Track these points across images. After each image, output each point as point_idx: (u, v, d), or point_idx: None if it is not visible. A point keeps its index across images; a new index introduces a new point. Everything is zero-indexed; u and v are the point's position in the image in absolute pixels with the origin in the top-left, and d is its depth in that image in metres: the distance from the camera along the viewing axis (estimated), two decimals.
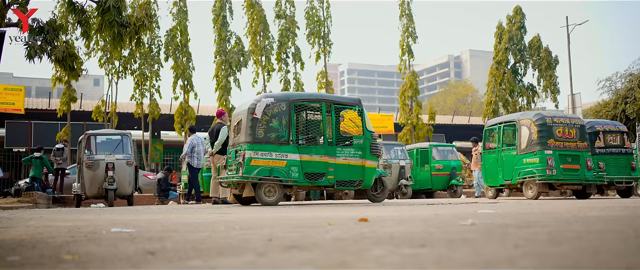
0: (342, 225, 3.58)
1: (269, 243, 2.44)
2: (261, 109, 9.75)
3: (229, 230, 3.36)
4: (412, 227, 3.22)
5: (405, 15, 29.39)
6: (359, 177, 10.19)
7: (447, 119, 40.49)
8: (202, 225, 3.88)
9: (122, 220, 5.09)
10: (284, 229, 3.31)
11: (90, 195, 14.04)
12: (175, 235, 3.04)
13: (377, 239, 2.46)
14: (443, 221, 3.71)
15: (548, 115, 12.96)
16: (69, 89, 23.51)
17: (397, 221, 3.84)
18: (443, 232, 2.78)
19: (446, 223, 3.47)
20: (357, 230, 3.07)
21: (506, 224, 3.28)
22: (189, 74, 25.89)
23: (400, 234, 2.75)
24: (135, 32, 11.58)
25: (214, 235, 2.99)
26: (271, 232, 3.02)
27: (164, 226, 3.95)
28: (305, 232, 3.01)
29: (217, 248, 2.30)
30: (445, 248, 2.03)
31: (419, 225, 3.31)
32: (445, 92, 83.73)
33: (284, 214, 5.92)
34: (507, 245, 2.06)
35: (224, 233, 3.12)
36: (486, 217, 3.99)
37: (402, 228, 3.14)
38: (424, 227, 3.19)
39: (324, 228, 3.29)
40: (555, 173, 12.45)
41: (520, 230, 2.79)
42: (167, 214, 6.57)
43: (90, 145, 14.15)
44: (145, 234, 3.19)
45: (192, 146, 14.39)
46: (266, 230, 3.24)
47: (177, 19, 25.94)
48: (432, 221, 3.75)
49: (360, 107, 10.66)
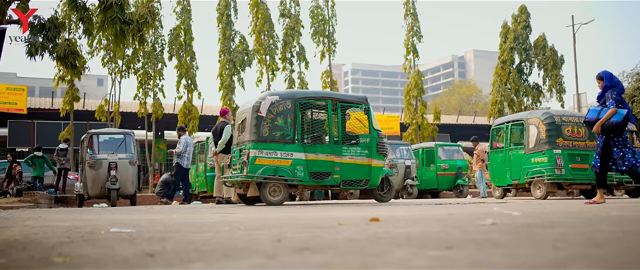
0: (353, 225, 3.40)
1: (278, 244, 2.26)
2: (266, 107, 9.57)
3: (234, 230, 3.18)
4: (428, 227, 3.04)
5: (410, 15, 29.25)
6: (365, 177, 10.00)
7: (452, 118, 40.31)
8: (206, 226, 3.70)
9: (123, 220, 4.92)
10: (293, 229, 3.12)
11: (92, 195, 13.89)
12: (177, 235, 2.86)
13: (394, 240, 2.28)
14: (459, 221, 3.52)
15: (557, 114, 12.74)
16: (72, 88, 23.37)
17: (410, 221, 3.66)
18: (463, 232, 2.60)
19: (463, 223, 3.28)
20: (370, 230, 2.88)
21: (528, 223, 3.09)
22: (192, 73, 25.75)
23: (418, 234, 2.56)
24: (138, 29, 11.40)
25: (218, 235, 2.81)
26: (279, 233, 2.84)
27: (165, 226, 3.78)
28: (315, 232, 2.82)
29: (221, 250, 2.12)
30: (474, 250, 1.85)
31: (435, 226, 3.12)
32: (449, 92, 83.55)
33: (291, 214, 5.74)
34: (543, 247, 1.88)
35: (229, 233, 2.94)
36: (505, 217, 3.80)
37: (418, 228, 2.96)
38: (440, 227, 3.00)
39: (334, 228, 3.11)
40: (564, 173, 12.23)
41: (547, 231, 2.61)
42: (169, 213, 6.39)
43: (92, 145, 14.00)
44: (146, 234, 3.01)
45: (186, 146, 14.27)
46: (273, 230, 3.06)
47: (181, 17, 25.81)
48: (447, 221, 3.56)
49: (367, 105, 10.47)
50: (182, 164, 14.22)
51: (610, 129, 7.53)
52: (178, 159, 14.22)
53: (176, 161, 14.32)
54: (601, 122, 7.54)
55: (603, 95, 7.83)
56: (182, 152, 14.19)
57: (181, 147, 14.21)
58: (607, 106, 7.65)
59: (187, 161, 14.27)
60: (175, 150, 14.36)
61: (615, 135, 7.60)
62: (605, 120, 7.51)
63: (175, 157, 14.35)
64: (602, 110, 7.66)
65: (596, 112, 7.71)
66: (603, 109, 7.65)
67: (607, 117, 7.50)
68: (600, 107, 7.75)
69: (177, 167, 14.41)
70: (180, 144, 14.31)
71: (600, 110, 7.68)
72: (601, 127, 7.57)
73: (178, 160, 14.23)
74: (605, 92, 7.80)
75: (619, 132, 7.56)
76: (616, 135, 7.60)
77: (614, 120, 7.48)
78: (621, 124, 7.48)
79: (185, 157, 14.22)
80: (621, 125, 7.48)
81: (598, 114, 7.66)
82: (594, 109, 7.80)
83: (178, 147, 14.37)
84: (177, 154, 14.24)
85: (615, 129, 7.51)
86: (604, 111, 7.61)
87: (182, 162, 14.21)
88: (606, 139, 7.68)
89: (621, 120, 7.47)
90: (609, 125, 7.51)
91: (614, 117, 7.50)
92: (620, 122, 7.47)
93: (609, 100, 7.66)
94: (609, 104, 7.63)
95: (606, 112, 7.54)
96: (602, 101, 7.83)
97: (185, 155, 14.23)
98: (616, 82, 7.82)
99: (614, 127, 7.50)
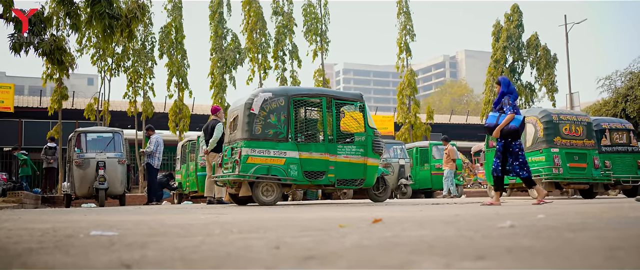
0: (355, 227, 3.12)
1: (277, 252, 1.97)
2: (259, 104, 9.27)
3: (226, 233, 2.89)
4: (440, 230, 2.76)
5: (403, 13, 29.00)
6: (360, 176, 9.73)
7: (444, 118, 40.14)
8: (195, 228, 3.40)
9: (108, 221, 4.61)
10: (291, 232, 2.84)
11: (80, 195, 13.54)
12: (162, 240, 2.57)
13: (411, 247, 2.00)
14: (471, 223, 3.25)
15: (554, 112, 12.52)
16: (61, 87, 22.92)
17: (417, 223, 3.38)
18: (485, 237, 2.32)
19: (478, 226, 3.01)
20: (377, 234, 2.60)
21: (552, 226, 2.81)
22: (183, 71, 25.38)
23: (433, 239, 2.29)
24: (127, 24, 11.06)
25: (209, 240, 2.52)
26: (277, 237, 2.55)
27: (151, 228, 3.49)
28: (318, 236, 2.54)
29: (212, 259, 1.84)
30: (512, 260, 1.57)
31: (448, 229, 2.84)
32: (441, 92, 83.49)
33: (285, 214, 5.45)
34: (593, 257, 1.60)
35: (221, 237, 2.65)
36: (521, 219, 3.53)
37: (429, 232, 2.68)
38: (454, 230, 2.73)
39: (337, 231, 2.82)
40: (562, 172, 12.01)
41: (578, 235, 2.34)
42: (157, 214, 6.09)
43: (80, 143, 13.64)
44: (128, 238, 2.72)
45: (157, 145, 13.99)
46: (270, 234, 2.77)
47: (172, 15, 25.43)
48: (458, 223, 3.29)
49: (362, 103, 10.21)
50: (152, 163, 13.96)
51: (509, 133, 7.84)
52: (148, 159, 13.96)
53: (146, 161, 14.07)
54: (500, 127, 7.83)
55: (500, 101, 8.13)
56: (152, 151, 13.93)
57: (152, 147, 13.94)
58: (504, 112, 7.96)
59: (158, 161, 14.03)
60: (146, 150, 14.08)
61: (513, 140, 7.91)
62: (504, 126, 7.81)
63: (145, 157, 14.09)
64: (500, 116, 7.96)
65: (495, 118, 8.01)
66: (501, 115, 7.95)
67: (506, 122, 7.81)
68: (498, 113, 8.05)
69: (147, 167, 14.14)
70: (151, 144, 14.05)
71: (499, 116, 7.98)
72: (500, 132, 7.85)
73: (148, 160, 13.97)
74: (502, 97, 8.11)
75: (516, 137, 7.90)
76: (514, 140, 7.91)
77: (513, 126, 7.82)
78: (519, 129, 7.85)
79: (156, 156, 13.97)
80: (519, 130, 7.86)
81: (497, 119, 7.96)
82: (493, 115, 8.08)
83: (148, 147, 14.09)
84: (147, 153, 13.98)
85: (513, 133, 7.84)
86: (502, 117, 7.92)
87: (153, 162, 13.96)
88: (505, 144, 7.96)
89: (519, 126, 7.83)
90: (508, 130, 7.81)
91: (512, 122, 7.83)
92: (518, 127, 7.84)
93: (505, 106, 7.99)
94: (506, 110, 7.94)
95: (505, 118, 7.86)
96: (498, 107, 8.13)
97: (156, 155, 13.98)
98: (512, 89, 8.16)
99: (512, 132, 7.83)
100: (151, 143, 14.10)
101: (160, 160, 14.16)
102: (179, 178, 16.85)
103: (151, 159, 13.99)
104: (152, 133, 14.43)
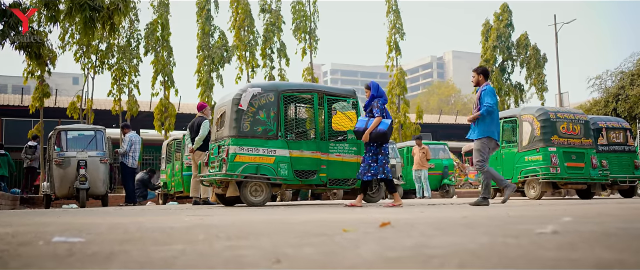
0: (362, 232, 2.69)
1: (278, 266, 1.53)
2: (247, 100, 8.81)
3: (212, 240, 2.45)
4: (467, 236, 2.33)
5: (392, 12, 28.65)
6: (354, 175, 9.29)
7: (433, 118, 39.89)
8: (176, 233, 2.95)
9: (80, 224, 4.15)
10: (289, 239, 2.39)
11: (60, 195, 12.99)
12: (134, 248, 2.12)
13: (452, 258, 1.58)
14: (500, 227, 2.82)
15: (552, 110, 12.17)
16: (42, 84, 22.26)
17: (434, 227, 2.95)
18: (535, 245, 1.90)
19: (509, 230, 2.58)
20: (396, 241, 2.17)
21: (602, 233, 2.39)
22: (169, 69, 24.84)
23: (474, 247, 1.86)
24: (109, 17, 10.55)
25: (190, 249, 2.08)
26: (273, 246, 2.11)
27: (126, 233, 3.03)
28: (324, 245, 2.10)
29: None
30: None
31: (476, 234, 2.42)
32: (428, 92, 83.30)
33: (277, 216, 5.00)
34: None
35: (205, 245, 2.21)
36: (543, 222, 3.12)
37: (459, 238, 2.25)
38: (486, 236, 2.30)
39: (343, 237, 2.39)
40: (560, 171, 11.67)
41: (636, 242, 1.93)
42: (138, 216, 5.61)
43: (60, 141, 13.10)
44: (94, 246, 2.27)
45: (131, 144, 13.47)
46: (264, 241, 2.33)
47: (158, 12, 24.89)
48: (482, 227, 2.86)
49: (355, 99, 9.79)
50: (126, 163, 13.45)
51: (377, 137, 7.82)
52: (123, 158, 13.45)
53: (120, 160, 13.55)
54: (370, 131, 7.80)
55: (370, 104, 8.14)
56: (126, 150, 13.42)
57: (126, 146, 13.43)
58: (374, 115, 7.99)
59: (133, 160, 13.52)
60: (120, 150, 13.56)
61: (383, 143, 7.89)
62: (373, 129, 7.80)
63: (119, 156, 13.58)
64: (369, 119, 7.97)
65: (364, 122, 7.99)
66: (370, 119, 7.96)
67: (374, 125, 7.81)
68: (368, 117, 8.08)
69: (121, 167, 13.63)
70: (125, 143, 13.54)
71: (368, 120, 7.98)
72: (369, 135, 7.82)
73: (123, 160, 13.46)
74: (371, 101, 8.11)
75: (385, 140, 7.89)
76: (383, 143, 7.89)
77: (381, 129, 7.82)
78: (387, 133, 7.85)
79: (130, 155, 13.46)
80: (387, 133, 7.85)
81: (366, 123, 7.95)
82: (363, 119, 8.09)
83: (122, 146, 13.58)
84: (122, 153, 13.47)
85: (382, 137, 7.83)
86: (371, 120, 7.92)
87: (127, 161, 13.45)
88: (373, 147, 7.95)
89: (387, 129, 7.83)
90: (377, 134, 7.81)
91: (380, 125, 7.83)
92: (386, 130, 7.84)
93: (374, 109, 8.00)
94: (375, 112, 7.97)
95: (373, 122, 7.87)
96: (369, 110, 8.14)
97: (131, 154, 13.47)
98: (382, 92, 8.16)
99: (381, 135, 7.82)
100: (124, 142, 13.59)
101: (135, 160, 13.63)
102: (164, 178, 16.35)
103: (125, 159, 13.46)
104: (128, 131, 13.89)
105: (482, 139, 7.93)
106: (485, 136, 7.92)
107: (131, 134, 13.76)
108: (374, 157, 7.90)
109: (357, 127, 8.04)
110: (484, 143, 7.93)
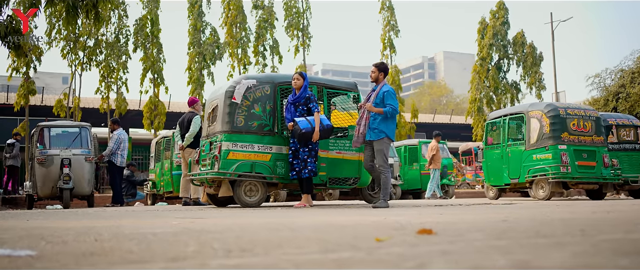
0: (402, 241, 2.05)
1: None
2: (241, 93, 8.14)
3: (205, 254, 1.80)
4: (557, 250, 1.71)
5: (386, 8, 28.10)
6: (354, 174, 8.66)
7: (428, 117, 39.44)
8: (158, 242, 2.29)
9: (46, 229, 3.48)
10: (311, 253, 1.74)
11: (42, 195, 12.28)
12: (102, 263, 1.47)
13: None
14: (570, 234, 2.20)
15: (561, 106, 11.59)
16: (27, 81, 21.52)
17: (484, 233, 2.31)
18: None
19: (593, 239, 1.96)
20: (483, 260, 1.53)
21: None
22: (159, 66, 24.17)
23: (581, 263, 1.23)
24: (93, 5, 9.87)
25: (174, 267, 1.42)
26: (295, 265, 1.46)
27: (96, 242, 2.38)
28: (366, 263, 1.45)
29: None
30: None
31: (563, 247, 1.78)
32: (420, 92, 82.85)
33: (277, 219, 4.35)
34: None
35: (195, 262, 1.56)
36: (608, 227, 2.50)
37: (558, 253, 1.62)
38: (587, 246, 1.67)
39: (387, 252, 1.74)
40: (571, 171, 11.07)
41: None
42: (119, 219, 4.94)
43: (43, 139, 12.38)
44: (40, 263, 1.61)
45: (119, 142, 12.81)
46: (278, 256, 1.67)
47: (148, 7, 24.21)
48: (554, 238, 2.24)
49: (357, 93, 9.17)
50: (115, 161, 12.79)
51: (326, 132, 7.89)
52: (111, 157, 12.78)
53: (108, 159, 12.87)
54: (318, 129, 7.75)
55: (303, 97, 7.99)
56: (113, 149, 12.76)
57: (112, 144, 12.78)
58: (312, 111, 7.90)
59: (121, 159, 12.86)
60: (107, 152, 12.89)
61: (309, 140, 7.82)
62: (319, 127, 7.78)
63: (105, 158, 12.91)
64: (310, 118, 7.85)
65: (306, 122, 7.79)
66: (310, 118, 7.85)
67: (319, 122, 7.80)
68: (299, 112, 7.96)
69: (110, 166, 12.96)
70: (112, 140, 12.88)
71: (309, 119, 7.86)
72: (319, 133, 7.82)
73: (111, 158, 12.79)
74: (305, 92, 8.00)
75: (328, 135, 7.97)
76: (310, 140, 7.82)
77: (328, 124, 7.92)
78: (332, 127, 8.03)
79: (119, 154, 12.80)
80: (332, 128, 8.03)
81: (310, 122, 7.80)
82: (303, 120, 7.83)
83: (109, 145, 12.92)
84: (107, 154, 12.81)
85: (329, 131, 7.95)
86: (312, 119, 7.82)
87: (115, 160, 12.79)
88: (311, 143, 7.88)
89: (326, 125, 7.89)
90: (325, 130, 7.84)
91: (323, 121, 7.88)
92: (331, 124, 8.01)
93: (312, 104, 7.93)
94: (313, 108, 7.89)
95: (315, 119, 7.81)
96: (303, 103, 7.99)
97: (120, 153, 12.82)
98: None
99: (328, 130, 7.91)
100: (111, 140, 12.95)
101: (124, 158, 12.98)
102: (153, 177, 15.66)
103: (114, 157, 12.81)
104: (117, 127, 13.23)
105: (384, 139, 7.52)
106: (387, 136, 7.54)
107: (119, 130, 13.12)
108: (309, 153, 7.81)
109: (303, 129, 7.68)
110: (386, 143, 7.55)
